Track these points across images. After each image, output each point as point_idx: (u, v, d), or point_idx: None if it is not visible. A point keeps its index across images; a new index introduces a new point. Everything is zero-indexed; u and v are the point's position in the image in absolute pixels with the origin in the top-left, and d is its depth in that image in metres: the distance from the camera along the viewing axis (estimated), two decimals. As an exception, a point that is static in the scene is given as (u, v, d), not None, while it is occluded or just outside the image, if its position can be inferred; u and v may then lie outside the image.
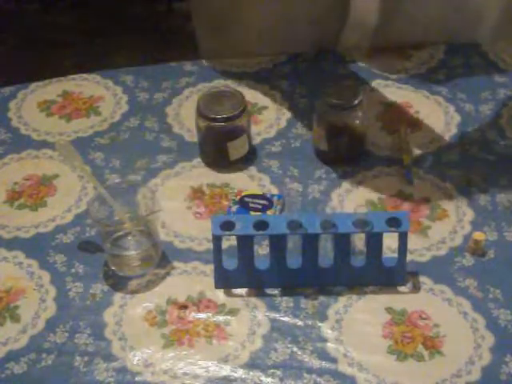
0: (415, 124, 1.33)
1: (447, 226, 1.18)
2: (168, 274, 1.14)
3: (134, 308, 1.10)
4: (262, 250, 1.15)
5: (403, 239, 1.07)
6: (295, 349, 1.05)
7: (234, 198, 1.22)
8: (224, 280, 1.11)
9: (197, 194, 1.24)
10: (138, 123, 1.36)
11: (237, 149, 1.26)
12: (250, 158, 1.29)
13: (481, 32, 1.49)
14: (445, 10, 1.43)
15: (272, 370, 1.03)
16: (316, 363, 1.04)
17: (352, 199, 1.22)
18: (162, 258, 1.15)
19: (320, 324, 1.08)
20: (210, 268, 1.13)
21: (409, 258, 1.11)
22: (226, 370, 1.03)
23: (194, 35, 1.55)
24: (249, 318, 1.08)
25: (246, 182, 1.26)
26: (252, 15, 1.42)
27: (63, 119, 1.37)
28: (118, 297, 1.11)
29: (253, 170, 1.27)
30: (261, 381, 1.02)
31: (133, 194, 1.14)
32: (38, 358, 1.05)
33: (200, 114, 1.25)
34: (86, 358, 1.05)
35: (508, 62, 1.44)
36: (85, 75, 1.45)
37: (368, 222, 1.06)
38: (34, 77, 1.48)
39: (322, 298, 1.10)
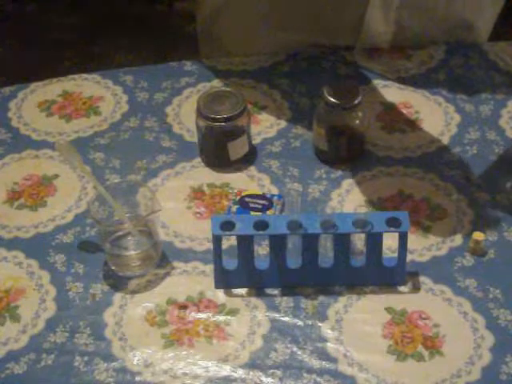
0: (415, 124, 1.33)
1: (447, 226, 1.18)
2: (168, 274, 1.14)
3: (134, 308, 1.10)
4: (262, 249, 1.15)
5: (403, 239, 1.07)
6: (295, 349, 1.05)
7: (234, 198, 1.22)
8: (224, 280, 1.11)
9: (197, 194, 1.24)
10: (138, 123, 1.36)
11: (237, 149, 1.26)
12: (250, 158, 1.29)
13: (480, 32, 1.49)
14: (445, 10, 1.43)
15: (272, 370, 1.03)
16: (316, 363, 1.04)
17: (352, 199, 1.22)
18: (162, 257, 1.15)
19: (320, 324, 1.08)
20: (210, 268, 1.13)
21: (409, 258, 1.11)
22: (226, 370, 1.03)
23: (194, 35, 1.55)
24: (249, 318, 1.08)
25: (246, 182, 1.25)
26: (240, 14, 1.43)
27: (63, 119, 1.37)
28: (118, 297, 1.11)
29: (253, 169, 1.27)
30: (261, 381, 1.02)
31: (133, 194, 1.14)
32: (37, 358, 1.05)
33: (200, 113, 1.25)
34: (85, 358, 1.05)
35: (508, 62, 1.44)
36: (85, 75, 1.45)
37: (368, 222, 1.06)
38: (34, 77, 1.47)
39: (321, 298, 1.10)
